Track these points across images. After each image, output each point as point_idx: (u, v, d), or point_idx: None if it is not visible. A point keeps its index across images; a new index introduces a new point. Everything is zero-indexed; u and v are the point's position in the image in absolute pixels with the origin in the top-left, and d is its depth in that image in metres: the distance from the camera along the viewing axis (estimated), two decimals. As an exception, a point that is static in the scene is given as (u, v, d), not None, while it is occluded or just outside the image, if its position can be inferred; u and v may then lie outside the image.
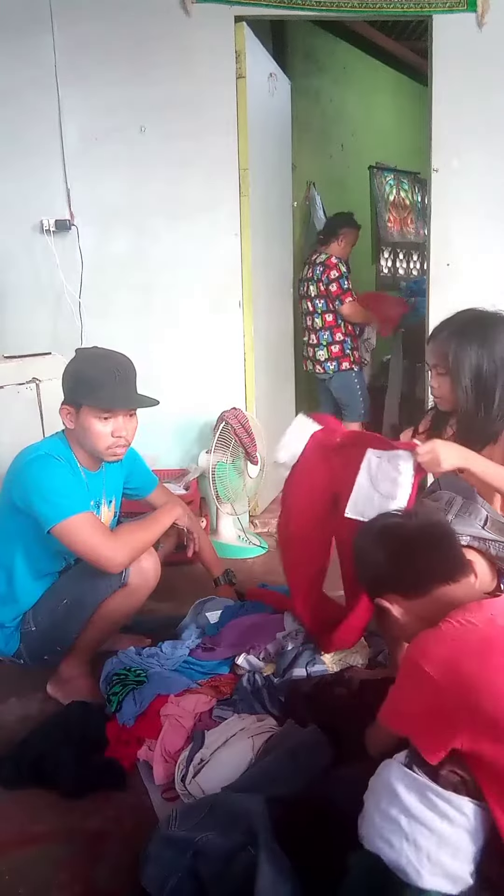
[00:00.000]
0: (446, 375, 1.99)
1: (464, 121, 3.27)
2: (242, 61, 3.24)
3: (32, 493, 1.96)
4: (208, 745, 1.76)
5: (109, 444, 2.04)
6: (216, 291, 3.45)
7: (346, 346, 4.03)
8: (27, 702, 2.16)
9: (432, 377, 2.04)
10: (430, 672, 1.25)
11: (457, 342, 1.95)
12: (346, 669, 2.07)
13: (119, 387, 2.01)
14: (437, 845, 1.20)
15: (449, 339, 1.97)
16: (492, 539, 2.03)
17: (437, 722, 1.25)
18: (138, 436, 2.13)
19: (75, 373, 2.04)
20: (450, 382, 1.98)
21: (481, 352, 1.95)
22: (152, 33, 3.20)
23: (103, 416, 2.00)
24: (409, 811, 1.23)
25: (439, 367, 2.00)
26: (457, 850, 1.21)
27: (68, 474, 2.03)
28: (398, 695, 1.37)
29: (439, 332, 2.02)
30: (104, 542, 1.96)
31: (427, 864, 1.20)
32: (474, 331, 1.97)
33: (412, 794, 1.24)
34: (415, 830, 1.21)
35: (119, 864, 1.53)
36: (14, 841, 1.63)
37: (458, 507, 2.06)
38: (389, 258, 6.44)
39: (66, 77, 3.22)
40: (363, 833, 1.29)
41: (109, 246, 3.39)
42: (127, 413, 2.05)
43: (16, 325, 3.38)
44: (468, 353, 1.94)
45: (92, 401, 1.99)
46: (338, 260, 3.96)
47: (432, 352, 2.02)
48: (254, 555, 3.36)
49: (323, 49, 5.39)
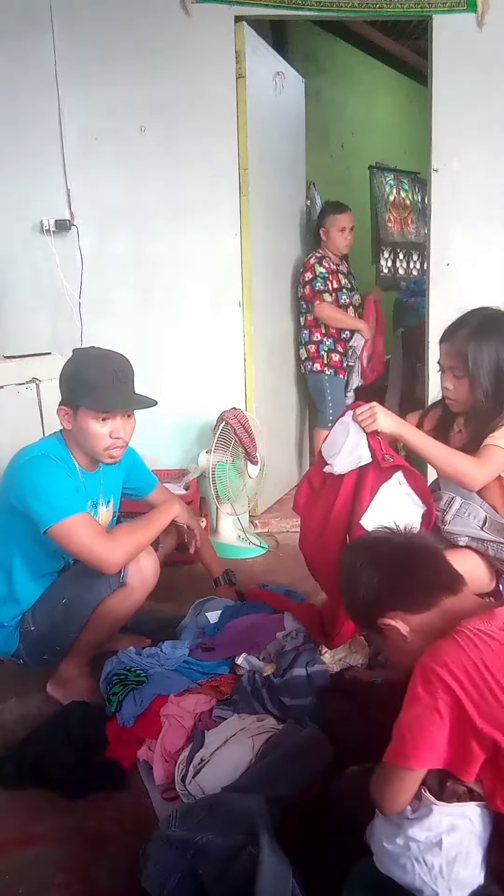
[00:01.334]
0: (464, 378, 1.94)
1: (464, 121, 3.27)
2: (242, 61, 3.24)
3: (28, 494, 1.96)
4: (208, 745, 1.76)
5: (107, 446, 2.03)
6: (216, 291, 3.45)
7: (322, 347, 3.81)
8: (27, 702, 2.16)
9: (446, 379, 1.99)
10: (450, 681, 1.17)
11: (475, 344, 1.91)
12: (346, 669, 2.07)
13: (117, 388, 2.00)
14: (448, 860, 1.19)
15: (466, 341, 1.92)
16: (490, 540, 2.03)
17: (464, 737, 1.17)
18: (138, 436, 2.13)
19: (73, 374, 2.03)
20: (468, 385, 1.94)
21: (501, 352, 1.92)
22: (152, 33, 3.20)
23: (101, 417, 2.00)
24: (415, 839, 1.21)
25: (456, 370, 1.95)
26: (467, 857, 1.20)
27: (64, 475, 2.02)
28: (414, 723, 1.21)
29: (454, 334, 1.96)
30: (100, 542, 1.95)
31: (441, 881, 1.19)
32: (491, 332, 1.93)
33: (415, 824, 1.22)
34: (423, 851, 1.20)
35: (119, 864, 1.53)
36: (14, 841, 1.63)
37: (456, 507, 2.06)
38: (389, 258, 6.44)
39: (66, 77, 3.22)
40: (377, 859, 1.26)
41: (109, 246, 3.39)
42: (125, 414, 2.04)
43: (16, 325, 3.37)
44: (487, 356, 1.90)
45: (90, 402, 1.98)
46: (316, 260, 3.77)
47: (448, 354, 1.97)
48: (254, 555, 3.36)
49: (323, 49, 5.39)
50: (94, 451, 2.05)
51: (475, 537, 2.04)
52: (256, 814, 1.41)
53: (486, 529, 2.03)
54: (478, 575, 1.95)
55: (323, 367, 3.83)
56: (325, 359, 3.83)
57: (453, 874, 1.19)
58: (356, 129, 5.95)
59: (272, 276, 3.74)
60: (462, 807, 1.23)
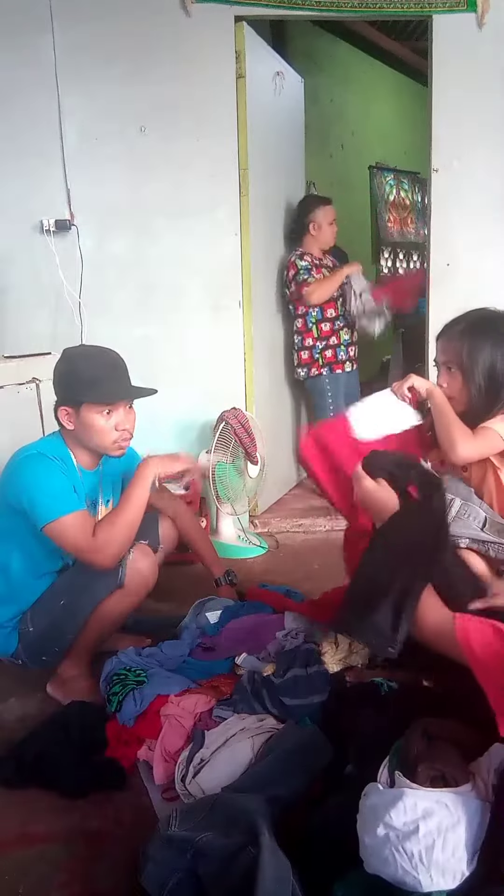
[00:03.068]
0: (458, 373, 1.95)
1: (464, 121, 3.27)
2: (242, 61, 3.24)
3: (24, 492, 1.96)
4: (208, 745, 1.76)
5: (115, 438, 2.04)
6: (216, 291, 3.45)
7: (315, 351, 3.77)
8: (27, 702, 2.16)
9: (441, 375, 1.99)
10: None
11: (470, 340, 1.91)
12: (346, 670, 2.06)
13: (117, 380, 2.03)
14: (426, 846, 1.20)
15: (462, 338, 1.93)
16: (491, 541, 2.03)
17: None
18: (138, 436, 2.14)
19: (70, 372, 2.04)
20: (461, 381, 1.95)
21: (495, 350, 1.93)
22: (152, 33, 3.21)
23: (105, 410, 2.00)
24: (392, 826, 1.22)
25: (451, 365, 1.96)
26: (445, 843, 1.20)
27: (60, 473, 2.02)
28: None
29: (450, 330, 1.98)
30: (93, 540, 1.96)
31: (422, 868, 1.19)
32: (487, 330, 1.93)
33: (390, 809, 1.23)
34: (402, 840, 1.21)
35: (119, 864, 1.53)
36: (14, 841, 1.63)
37: (456, 508, 2.05)
38: (389, 258, 6.45)
39: (66, 77, 3.22)
40: (364, 859, 1.27)
41: (109, 246, 3.40)
42: (126, 406, 2.06)
43: (16, 325, 3.37)
44: (482, 352, 1.91)
45: (94, 397, 1.99)
46: (297, 256, 3.69)
47: (444, 349, 1.98)
48: (254, 555, 3.36)
49: (323, 49, 5.39)
50: (102, 446, 2.06)
51: (476, 539, 2.03)
52: (256, 814, 1.41)
53: (487, 531, 2.02)
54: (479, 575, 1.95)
55: (319, 370, 3.79)
56: (321, 361, 3.79)
57: (433, 861, 1.19)
58: (356, 129, 5.95)
59: (272, 276, 3.74)
60: (437, 793, 1.24)
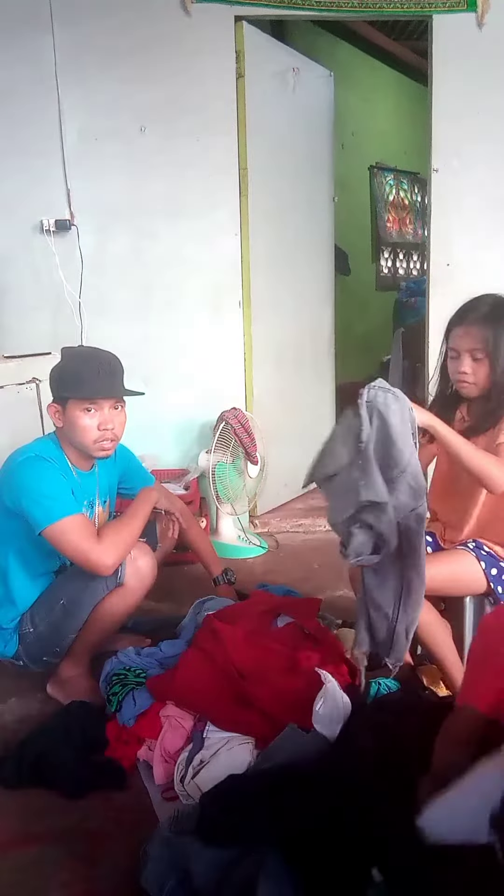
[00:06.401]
0: (484, 360, 1.91)
1: (464, 121, 3.27)
2: (242, 61, 3.24)
3: (22, 496, 1.96)
4: (208, 747, 1.76)
5: (96, 438, 2.03)
6: (216, 291, 3.45)
7: None
8: (27, 702, 2.16)
9: (464, 363, 1.92)
10: None
11: (494, 326, 1.89)
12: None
13: (102, 379, 2.01)
14: None
15: (485, 323, 1.89)
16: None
17: None
18: (138, 436, 2.13)
19: (59, 370, 2.05)
20: (487, 367, 1.91)
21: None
22: (152, 33, 3.20)
23: (87, 407, 2.00)
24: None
25: (477, 353, 1.91)
26: None
27: (58, 476, 2.02)
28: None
29: (471, 315, 1.93)
30: (92, 545, 1.94)
31: None
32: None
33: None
34: None
35: (119, 865, 1.53)
36: (14, 841, 1.63)
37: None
38: (389, 258, 6.45)
39: (66, 77, 3.22)
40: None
41: (109, 246, 3.39)
42: (112, 406, 2.04)
43: (16, 325, 3.37)
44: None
45: (75, 393, 1.99)
46: None
47: (467, 336, 1.93)
48: (254, 555, 3.36)
49: (323, 49, 5.38)
50: (84, 444, 2.04)
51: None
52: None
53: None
54: (472, 576, 1.95)
55: None
56: None
57: None
58: (356, 129, 5.94)
59: (272, 276, 3.74)
60: None
